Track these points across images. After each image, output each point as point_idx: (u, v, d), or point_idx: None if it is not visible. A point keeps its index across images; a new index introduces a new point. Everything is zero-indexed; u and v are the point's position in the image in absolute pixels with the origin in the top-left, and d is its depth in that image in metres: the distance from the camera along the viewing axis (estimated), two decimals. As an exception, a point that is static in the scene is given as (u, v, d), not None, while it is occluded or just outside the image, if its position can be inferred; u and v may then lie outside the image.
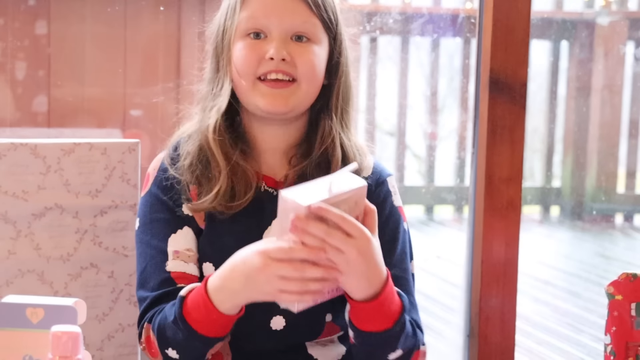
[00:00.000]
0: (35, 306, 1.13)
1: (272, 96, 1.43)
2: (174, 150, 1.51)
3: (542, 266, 4.17)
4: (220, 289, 1.33)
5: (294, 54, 1.43)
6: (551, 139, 4.70)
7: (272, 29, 1.43)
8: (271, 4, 1.43)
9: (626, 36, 4.51)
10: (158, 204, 1.49)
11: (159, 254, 1.47)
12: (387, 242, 1.47)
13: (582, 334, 3.21)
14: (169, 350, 1.41)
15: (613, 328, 1.48)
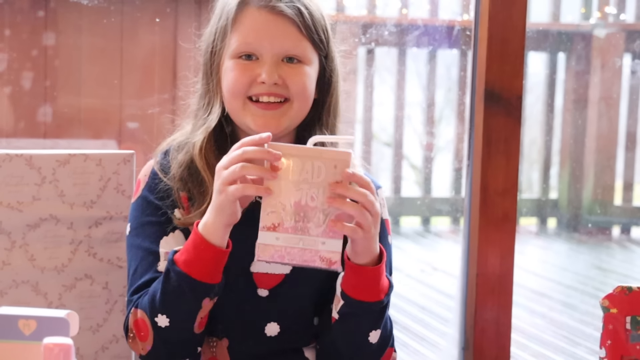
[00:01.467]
0: (27, 318, 1.13)
1: (264, 117, 1.44)
2: (164, 157, 1.52)
3: (538, 278, 4.17)
4: (204, 222, 1.37)
5: (286, 76, 1.44)
6: (548, 150, 4.71)
7: (263, 52, 1.44)
8: (262, 27, 1.44)
9: (623, 48, 4.52)
10: (149, 208, 1.49)
11: (150, 255, 1.47)
12: None
13: (578, 346, 3.21)
14: (159, 317, 1.40)
15: (608, 341, 1.47)
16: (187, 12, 2.49)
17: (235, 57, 1.45)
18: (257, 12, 1.44)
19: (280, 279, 1.48)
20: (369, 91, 4.12)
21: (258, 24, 1.44)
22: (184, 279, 1.37)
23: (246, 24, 1.44)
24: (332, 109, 1.51)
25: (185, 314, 1.41)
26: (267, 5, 1.44)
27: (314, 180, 1.29)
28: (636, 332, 1.46)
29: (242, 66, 1.44)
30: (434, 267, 4.00)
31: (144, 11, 2.47)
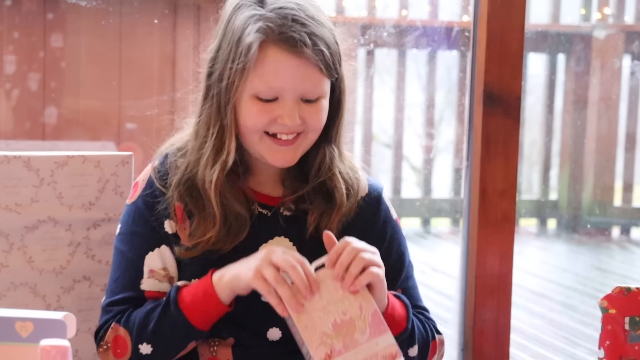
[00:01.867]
0: (24, 320, 1.13)
1: (281, 152, 1.44)
2: (162, 162, 1.51)
3: (538, 279, 4.16)
4: (221, 275, 1.39)
5: (305, 115, 1.42)
6: (548, 152, 4.71)
7: (284, 94, 1.40)
8: (285, 71, 1.39)
9: (622, 49, 4.52)
10: (140, 219, 1.49)
11: (133, 270, 1.48)
12: (396, 258, 1.54)
13: (578, 347, 3.20)
14: (143, 345, 1.42)
15: (607, 342, 1.47)
16: (186, 13, 2.49)
17: (255, 97, 1.41)
18: (280, 55, 1.39)
19: None
20: (368, 92, 4.12)
21: (281, 68, 1.39)
22: (182, 322, 1.40)
23: (269, 67, 1.39)
24: (340, 131, 1.50)
25: (170, 348, 1.44)
26: (292, 50, 1.39)
27: (335, 297, 1.36)
28: (635, 332, 1.46)
29: (262, 107, 1.41)
30: (433, 268, 3.99)
31: (142, 13, 2.47)
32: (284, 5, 1.41)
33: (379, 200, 1.55)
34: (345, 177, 1.50)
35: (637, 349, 1.46)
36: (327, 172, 1.48)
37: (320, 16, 1.43)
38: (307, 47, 1.38)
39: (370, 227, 1.53)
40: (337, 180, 1.48)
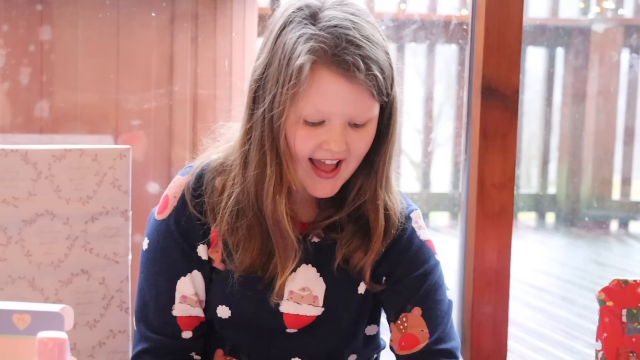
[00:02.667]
0: (21, 312, 1.12)
1: (321, 183, 1.37)
2: (197, 180, 1.44)
3: (536, 272, 4.17)
4: None
5: (351, 141, 1.35)
6: (546, 146, 4.70)
7: (332, 118, 1.33)
8: (335, 95, 1.31)
9: (621, 43, 4.52)
10: (171, 242, 1.44)
11: (166, 294, 1.44)
12: (415, 279, 1.46)
13: (576, 340, 3.21)
14: None
15: (604, 334, 1.48)
16: (183, 6, 2.49)
17: (303, 120, 1.33)
18: (332, 79, 1.31)
19: (311, 320, 1.45)
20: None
21: (332, 93, 1.31)
22: None
23: (319, 90, 1.31)
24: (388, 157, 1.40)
25: None
26: (344, 73, 1.30)
27: None
28: (632, 324, 1.46)
29: (309, 132, 1.33)
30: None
31: (139, 5, 2.46)
32: (339, 23, 1.32)
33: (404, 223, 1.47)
34: (390, 209, 1.43)
35: (634, 341, 1.46)
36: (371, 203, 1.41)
37: (376, 36, 1.34)
38: (360, 71, 1.30)
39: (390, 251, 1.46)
40: (378, 213, 1.41)
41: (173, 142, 2.40)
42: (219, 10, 2.50)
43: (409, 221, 1.48)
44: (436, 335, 1.44)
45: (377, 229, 1.41)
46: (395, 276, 1.47)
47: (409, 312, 1.45)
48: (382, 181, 1.40)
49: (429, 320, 1.45)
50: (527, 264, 4.13)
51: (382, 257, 1.46)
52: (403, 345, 1.45)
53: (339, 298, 1.45)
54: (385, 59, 1.34)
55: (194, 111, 2.45)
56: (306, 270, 1.44)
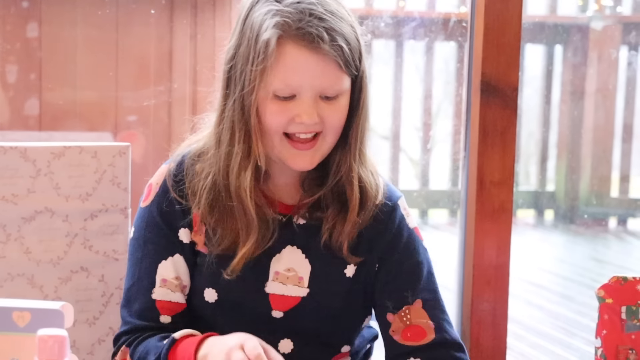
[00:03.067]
0: (21, 309, 1.13)
1: (300, 156, 1.40)
2: (178, 167, 1.47)
3: (535, 270, 4.17)
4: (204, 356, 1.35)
5: (324, 114, 1.38)
6: (545, 143, 4.71)
7: (302, 92, 1.37)
8: (303, 68, 1.36)
9: (619, 40, 4.52)
10: (154, 227, 1.47)
11: (146, 278, 1.46)
12: (411, 269, 1.49)
13: (575, 337, 3.21)
14: None
15: (604, 331, 1.48)
16: (182, 3, 2.49)
17: (274, 95, 1.37)
18: (297, 52, 1.35)
19: (297, 301, 1.46)
20: (365, 84, 4.10)
21: (299, 65, 1.36)
22: None
23: (286, 64, 1.36)
24: (361, 129, 1.44)
25: None
26: (310, 45, 1.35)
27: None
28: (631, 321, 1.47)
29: (281, 106, 1.37)
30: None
31: (138, 3, 2.46)
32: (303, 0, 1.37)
33: (394, 209, 1.50)
34: (365, 184, 1.45)
35: (633, 338, 1.47)
36: (345, 176, 1.44)
37: (340, 10, 1.39)
38: (324, 42, 1.34)
39: (381, 237, 1.48)
40: (352, 188, 1.44)
41: (172, 139, 2.40)
42: (217, 7, 2.50)
43: (397, 210, 1.50)
44: (441, 327, 1.47)
45: (352, 200, 1.44)
46: (389, 264, 1.48)
47: (411, 304, 1.46)
48: (355, 154, 1.44)
49: (431, 311, 1.47)
50: (526, 262, 4.13)
51: (363, 233, 1.47)
52: (409, 336, 1.46)
53: (325, 279, 1.46)
54: (350, 32, 1.38)
55: (193, 108, 2.45)
56: (291, 251, 1.46)
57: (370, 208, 1.46)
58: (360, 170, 1.45)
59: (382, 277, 1.48)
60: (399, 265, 1.48)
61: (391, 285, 1.48)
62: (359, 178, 1.44)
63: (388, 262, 1.48)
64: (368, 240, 1.47)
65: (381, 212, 1.48)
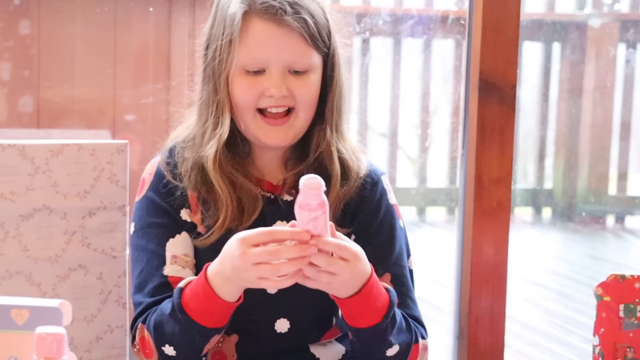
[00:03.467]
0: (20, 307, 1.13)
1: (273, 132, 1.45)
2: (169, 154, 1.52)
3: (533, 268, 4.17)
4: (217, 274, 1.35)
5: (293, 87, 1.43)
6: (543, 140, 4.71)
7: (270, 65, 1.43)
8: (269, 41, 1.42)
9: (617, 38, 4.52)
10: (155, 209, 1.49)
11: (156, 258, 1.48)
12: (384, 242, 1.52)
13: (573, 335, 3.22)
14: (166, 347, 1.41)
15: (601, 329, 1.48)
16: (181, 1, 2.48)
17: (243, 70, 1.43)
18: (262, 25, 1.42)
19: None
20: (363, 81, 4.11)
21: (264, 38, 1.42)
22: (193, 326, 1.38)
23: (253, 37, 1.42)
24: (336, 107, 1.49)
25: (193, 348, 1.42)
26: (274, 18, 1.41)
27: None
28: (629, 319, 1.47)
29: (250, 80, 1.43)
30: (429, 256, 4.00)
31: (137, 0, 2.46)
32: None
33: (377, 183, 1.54)
34: (345, 157, 1.49)
35: (631, 336, 1.47)
36: (325, 151, 1.48)
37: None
38: (287, 14, 1.40)
39: (364, 207, 1.52)
40: (332, 161, 1.48)
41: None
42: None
43: (380, 183, 1.54)
44: (405, 303, 1.49)
45: (333, 171, 1.47)
46: (366, 235, 1.50)
47: (380, 277, 1.47)
48: (332, 129, 1.48)
49: (398, 287, 1.48)
50: (524, 259, 4.13)
51: (349, 205, 1.49)
52: None
53: None
54: (316, 8, 1.44)
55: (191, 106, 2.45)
56: (281, 226, 1.47)
57: (353, 180, 1.49)
58: (339, 145, 1.49)
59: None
60: (374, 237, 1.51)
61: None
62: (338, 152, 1.49)
63: (365, 234, 1.51)
64: (352, 213, 1.50)
65: (365, 185, 1.52)
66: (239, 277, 1.32)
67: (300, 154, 1.51)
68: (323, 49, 1.46)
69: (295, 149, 1.51)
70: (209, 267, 1.37)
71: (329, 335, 1.55)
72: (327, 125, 1.48)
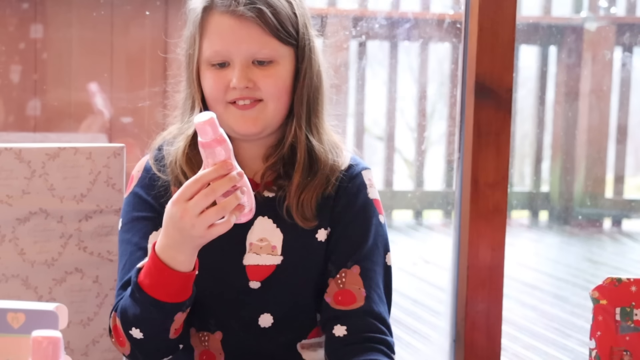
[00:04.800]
0: (16, 311, 1.12)
1: (242, 118, 1.46)
2: (158, 151, 1.54)
3: (530, 271, 4.17)
4: (165, 247, 1.36)
5: (257, 79, 1.45)
6: (539, 144, 4.71)
7: (232, 58, 1.45)
8: (227, 33, 1.45)
9: (613, 41, 4.52)
10: (140, 203, 1.51)
11: (139, 250, 1.48)
12: (357, 235, 1.51)
13: (569, 338, 3.22)
14: (133, 330, 1.42)
15: (598, 332, 1.48)
16: (177, 5, 2.48)
17: (209, 64, 1.46)
18: (220, 19, 1.45)
19: (272, 270, 1.49)
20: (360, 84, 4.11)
21: (222, 31, 1.45)
22: (151, 302, 1.38)
23: (212, 31, 1.46)
24: (308, 98, 1.50)
25: (157, 328, 1.42)
26: (228, 10, 1.44)
27: None
28: (625, 323, 1.47)
29: (216, 74, 1.46)
30: (425, 259, 4.00)
31: (133, 4, 2.46)
32: None
33: (355, 177, 1.53)
34: (316, 149, 1.50)
35: (627, 339, 1.47)
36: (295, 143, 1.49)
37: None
38: (240, 4, 1.43)
39: (340, 200, 1.51)
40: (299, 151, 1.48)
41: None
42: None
43: (359, 177, 1.54)
44: (371, 298, 1.47)
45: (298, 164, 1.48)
46: (340, 227, 1.50)
47: (348, 269, 1.48)
48: (300, 122, 1.49)
49: (367, 281, 1.48)
50: (520, 262, 4.13)
51: (333, 204, 1.50)
52: (340, 300, 1.48)
53: (297, 246, 1.49)
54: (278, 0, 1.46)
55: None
56: (263, 221, 1.49)
57: (323, 171, 1.49)
58: (310, 139, 1.49)
59: (330, 241, 1.51)
60: (347, 230, 1.51)
61: (336, 250, 1.50)
62: (308, 144, 1.49)
63: (338, 227, 1.51)
64: (331, 206, 1.50)
65: (343, 179, 1.52)
66: (189, 238, 1.33)
67: (280, 151, 1.51)
68: (289, 40, 1.47)
69: (274, 146, 1.52)
70: (155, 244, 1.37)
71: (315, 333, 1.54)
72: (296, 118, 1.49)
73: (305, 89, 1.50)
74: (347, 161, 1.54)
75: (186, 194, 1.32)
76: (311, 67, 1.50)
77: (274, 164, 1.50)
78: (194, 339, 1.52)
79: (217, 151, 1.31)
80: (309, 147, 1.50)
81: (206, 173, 1.32)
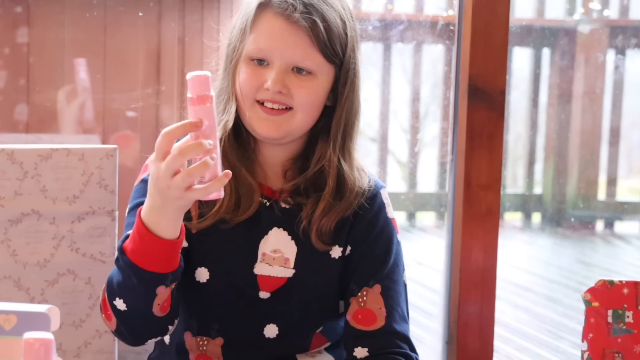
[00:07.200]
0: (7, 313, 1.12)
1: (267, 121, 1.44)
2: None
3: (522, 272, 4.18)
4: (149, 210, 1.34)
5: (292, 86, 1.43)
6: (532, 146, 4.72)
7: (273, 59, 1.43)
8: (276, 34, 1.43)
9: (606, 44, 4.53)
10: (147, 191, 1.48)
11: None
12: (379, 254, 1.51)
13: (562, 340, 3.22)
14: (116, 300, 1.40)
15: (590, 335, 1.48)
16: (171, 6, 2.48)
17: (249, 59, 1.45)
18: (273, 18, 1.43)
19: (283, 282, 1.48)
20: (353, 86, 4.11)
21: (272, 31, 1.43)
22: (132, 269, 1.35)
23: (262, 28, 1.44)
24: (345, 120, 1.49)
25: (140, 300, 1.39)
26: (284, 13, 1.42)
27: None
28: (618, 325, 1.47)
29: (253, 70, 1.44)
30: (418, 261, 4.00)
31: (127, 5, 2.46)
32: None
33: (375, 196, 1.53)
34: (346, 175, 1.48)
35: (620, 341, 1.47)
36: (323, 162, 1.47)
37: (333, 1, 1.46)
38: (296, 11, 1.42)
39: (361, 219, 1.51)
40: (330, 176, 1.47)
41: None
42: (205, 10, 2.50)
43: (378, 197, 1.54)
44: (392, 317, 1.47)
45: (327, 189, 1.47)
46: (361, 248, 1.50)
47: (370, 287, 1.48)
48: (335, 147, 1.47)
49: (387, 300, 1.48)
50: (512, 264, 4.14)
51: (352, 224, 1.49)
52: (360, 318, 1.47)
53: (311, 261, 1.48)
54: (334, 17, 1.44)
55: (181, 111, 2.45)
56: (277, 233, 1.48)
57: (348, 197, 1.48)
58: (342, 163, 1.48)
59: (352, 261, 1.50)
60: (370, 249, 1.50)
61: (358, 269, 1.50)
62: (338, 170, 1.48)
63: (360, 246, 1.50)
64: (349, 226, 1.50)
65: (364, 201, 1.51)
66: (167, 199, 1.30)
67: (301, 165, 1.50)
68: (333, 59, 1.46)
69: (298, 160, 1.50)
70: (142, 208, 1.35)
71: (316, 344, 1.54)
72: (332, 140, 1.47)
73: (345, 112, 1.48)
74: (367, 181, 1.53)
75: (159, 153, 1.29)
76: (353, 91, 1.49)
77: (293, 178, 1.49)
78: (190, 342, 1.51)
79: (195, 109, 1.28)
80: (339, 171, 1.48)
81: (172, 129, 1.29)
